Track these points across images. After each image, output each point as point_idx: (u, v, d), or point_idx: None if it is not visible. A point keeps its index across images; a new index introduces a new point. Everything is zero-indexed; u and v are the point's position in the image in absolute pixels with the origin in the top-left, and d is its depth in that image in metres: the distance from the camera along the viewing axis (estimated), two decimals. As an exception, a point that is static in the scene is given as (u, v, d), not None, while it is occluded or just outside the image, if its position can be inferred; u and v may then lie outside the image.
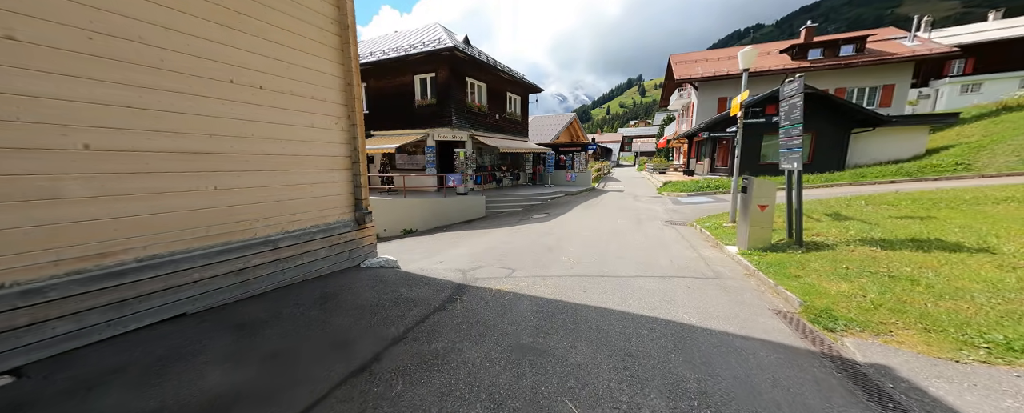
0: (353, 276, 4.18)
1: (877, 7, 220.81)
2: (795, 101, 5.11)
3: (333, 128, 4.19)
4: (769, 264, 4.62)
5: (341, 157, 4.29)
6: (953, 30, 32.41)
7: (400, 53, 13.88)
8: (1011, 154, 11.39)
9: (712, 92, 24.10)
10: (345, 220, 4.38)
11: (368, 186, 4.71)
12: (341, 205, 4.32)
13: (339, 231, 4.27)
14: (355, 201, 4.48)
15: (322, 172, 4.09)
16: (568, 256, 5.85)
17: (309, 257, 3.92)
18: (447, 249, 7.56)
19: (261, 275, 3.55)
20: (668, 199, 13.40)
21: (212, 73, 3.19)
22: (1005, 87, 27.01)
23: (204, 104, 3.14)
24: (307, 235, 3.90)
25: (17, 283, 2.31)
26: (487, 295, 3.89)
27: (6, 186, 2.27)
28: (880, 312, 3.08)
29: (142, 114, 2.80)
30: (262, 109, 3.58)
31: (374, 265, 4.55)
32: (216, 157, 3.24)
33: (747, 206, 5.45)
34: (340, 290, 3.79)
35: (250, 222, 3.47)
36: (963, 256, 3.89)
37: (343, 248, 4.32)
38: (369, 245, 4.72)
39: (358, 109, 4.41)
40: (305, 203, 3.89)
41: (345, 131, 4.33)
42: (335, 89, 4.20)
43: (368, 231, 4.64)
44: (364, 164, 4.60)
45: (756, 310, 3.50)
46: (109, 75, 2.63)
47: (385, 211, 12.66)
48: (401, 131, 14.70)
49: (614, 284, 4.33)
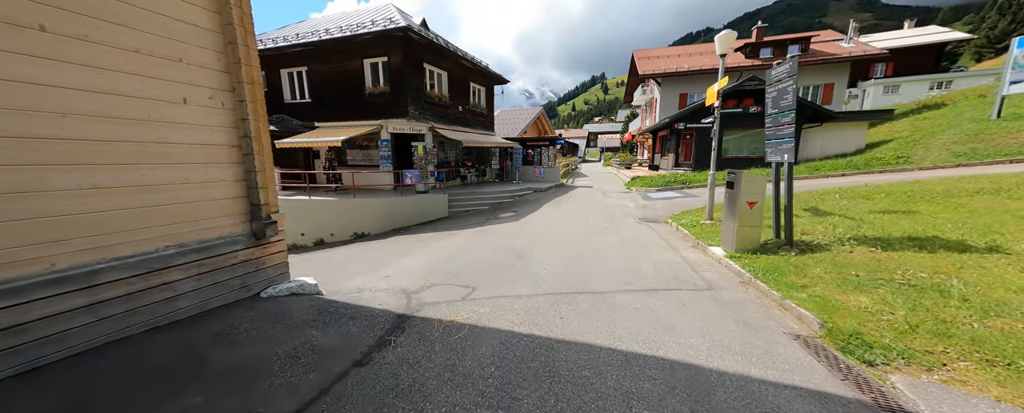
0: (242, 313, 2.99)
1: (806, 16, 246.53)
2: (785, 86, 4.59)
3: (207, 105, 2.94)
4: (764, 270, 4.05)
5: (223, 146, 3.06)
6: (876, 36, 35.71)
7: (346, 33, 12.23)
8: (942, 148, 12.24)
9: (674, 88, 24.50)
10: (233, 234, 3.16)
11: (275, 186, 3.50)
12: (225, 213, 3.09)
13: (222, 250, 3.05)
14: (251, 207, 3.27)
15: (189, 168, 2.85)
16: (539, 265, 5.00)
17: (160, 293, 2.67)
18: (398, 259, 6.43)
19: (59, 332, 2.26)
20: (637, 194, 13.07)
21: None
22: (919, 88, 30.30)
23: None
24: (157, 261, 2.65)
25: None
26: (434, 332, 2.90)
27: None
28: (920, 336, 2.51)
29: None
30: (85, 72, 2.30)
31: (281, 293, 3.38)
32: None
33: (734, 203, 4.89)
34: (211, 341, 2.61)
35: (42, 249, 2.20)
36: (976, 258, 3.54)
37: (230, 273, 3.10)
38: (276, 265, 3.52)
39: (253, 80, 3.19)
40: (150, 214, 2.63)
41: (230, 110, 3.10)
42: (211, 49, 2.95)
43: (273, 247, 3.45)
44: (268, 157, 3.39)
45: (769, 335, 2.83)
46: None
47: (331, 213, 11.11)
48: (349, 122, 13.08)
49: (596, 304, 3.52)
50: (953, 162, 11.20)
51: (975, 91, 22.00)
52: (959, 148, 11.85)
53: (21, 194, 2.13)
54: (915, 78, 31.04)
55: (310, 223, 11.19)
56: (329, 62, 13.10)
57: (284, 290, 3.39)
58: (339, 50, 12.74)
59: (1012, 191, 5.64)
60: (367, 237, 10.71)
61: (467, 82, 16.45)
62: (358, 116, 12.98)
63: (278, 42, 13.66)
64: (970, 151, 11.52)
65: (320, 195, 12.20)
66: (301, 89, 14.08)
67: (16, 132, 2.10)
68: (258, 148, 3.21)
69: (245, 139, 3.16)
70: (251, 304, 3.16)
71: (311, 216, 11.20)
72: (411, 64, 12.38)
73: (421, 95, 13.02)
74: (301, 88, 14.07)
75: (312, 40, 12.70)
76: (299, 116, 14.03)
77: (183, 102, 2.79)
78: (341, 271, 5.97)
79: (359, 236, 10.97)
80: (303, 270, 6.50)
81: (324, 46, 12.73)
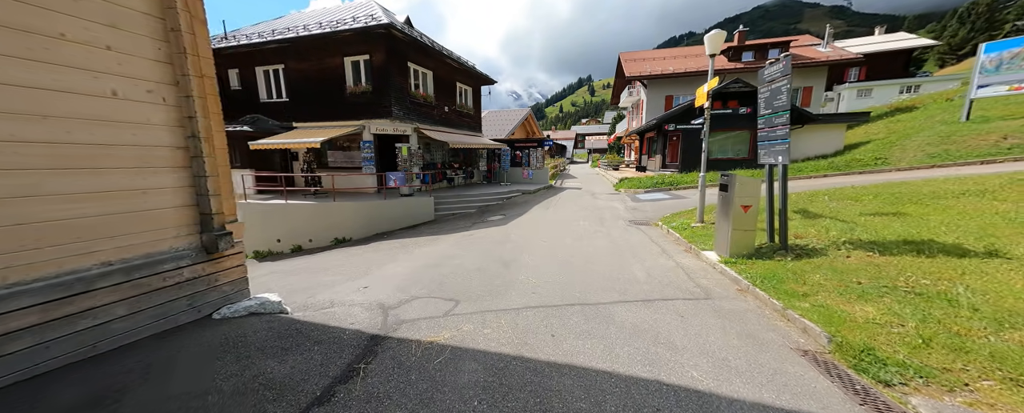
0: (186, 340, 2.60)
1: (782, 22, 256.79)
2: (779, 85, 4.47)
3: (144, 100, 2.54)
4: (762, 276, 3.89)
5: (164, 148, 2.66)
6: (850, 41, 37.13)
7: (325, 30, 11.71)
8: (917, 150, 12.61)
9: (660, 90, 24.75)
10: (177, 249, 2.75)
11: (232, 192, 3.11)
12: (168, 225, 2.69)
13: (164, 268, 2.64)
14: (200, 217, 2.87)
15: (120, 173, 2.45)
16: (528, 273, 4.72)
17: (83, 321, 2.26)
18: (379, 266, 6.05)
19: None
20: (626, 196, 12.99)
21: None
22: (890, 92, 31.58)
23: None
24: (78, 283, 2.24)
25: None
26: (411, 356, 2.58)
27: None
28: (936, 351, 2.34)
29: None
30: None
31: (238, 313, 2.98)
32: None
33: (728, 207, 4.74)
34: (139, 377, 2.22)
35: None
36: (977, 263, 3.45)
37: (174, 294, 2.70)
38: (232, 282, 3.12)
39: (202, 72, 2.80)
40: (69, 229, 2.22)
41: (173, 107, 2.70)
42: (148, 36, 2.56)
43: (228, 262, 3.05)
44: (222, 160, 3.00)
45: (776, 352, 2.62)
46: None
47: (310, 218, 10.57)
48: (330, 123, 12.53)
49: (589, 317, 3.27)
50: (928, 163, 11.53)
51: (942, 95, 23.00)
52: (933, 150, 12.22)
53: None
54: (886, 82, 32.35)
55: (287, 228, 10.62)
56: (308, 60, 12.53)
57: (241, 310, 3.00)
58: (318, 47, 12.20)
59: (997, 193, 5.72)
60: (348, 242, 10.23)
61: (453, 82, 16.09)
62: (339, 116, 12.46)
63: (252, 38, 13.00)
64: (943, 152, 11.88)
65: (298, 199, 11.62)
66: (278, 88, 13.44)
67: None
68: (208, 150, 2.82)
69: (192, 140, 2.77)
70: (199, 329, 2.76)
71: (288, 221, 10.63)
72: (394, 63, 11.95)
73: (405, 95, 12.60)
74: (278, 87, 13.43)
75: (289, 37, 12.12)
76: (276, 116, 13.39)
77: (112, 96, 2.39)
78: (315, 281, 5.54)
79: (340, 241, 10.47)
80: (274, 281, 6.04)
81: (302, 43, 12.17)
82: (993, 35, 42.33)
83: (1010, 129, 11.76)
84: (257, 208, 10.77)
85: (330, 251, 9.33)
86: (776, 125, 4.56)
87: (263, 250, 10.61)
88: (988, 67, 13.27)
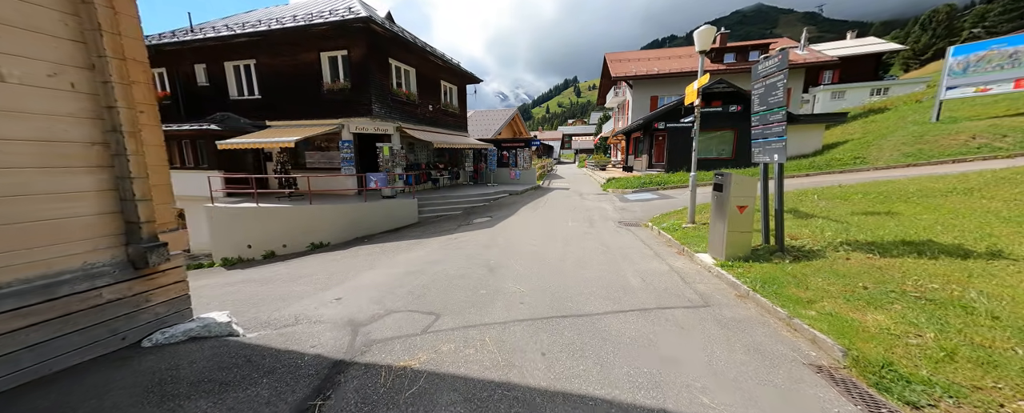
0: (101, 377, 2.14)
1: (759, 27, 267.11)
2: (774, 81, 4.29)
3: (46, 86, 2.08)
4: (762, 281, 3.68)
5: (75, 144, 2.20)
6: (824, 45, 38.46)
7: (300, 23, 11.09)
8: (893, 149, 12.96)
9: (645, 90, 24.90)
10: (93, 265, 2.29)
11: (170, 197, 2.66)
12: (81, 236, 2.23)
13: (75, 288, 2.18)
14: (126, 226, 2.42)
15: (13, 174, 1.99)
16: (516, 280, 4.39)
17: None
18: (356, 274, 5.61)
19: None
20: (614, 196, 12.84)
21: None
22: (861, 94, 32.91)
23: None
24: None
25: None
26: (379, 387, 2.21)
27: None
28: (962, 366, 2.14)
29: None
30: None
31: (174, 339, 2.53)
32: None
33: (723, 207, 4.54)
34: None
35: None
36: (981, 265, 3.34)
37: (89, 319, 2.24)
38: (168, 302, 2.66)
39: (125, 54, 2.35)
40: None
41: (87, 95, 2.24)
42: (48, 7, 2.10)
43: (163, 278, 2.59)
44: (156, 158, 2.55)
45: (789, 369, 2.38)
46: None
47: (284, 222, 9.94)
48: (306, 122, 11.90)
49: (583, 331, 2.97)
50: (904, 162, 11.83)
51: (911, 97, 24.01)
52: (908, 149, 12.57)
53: None
54: (858, 85, 33.65)
55: (259, 233, 9.96)
56: (281, 55, 11.86)
57: (179, 335, 2.55)
58: (293, 42, 11.55)
59: (983, 191, 5.76)
60: (326, 247, 9.67)
61: (437, 80, 15.63)
62: (316, 115, 11.84)
63: (221, 31, 12.22)
64: (918, 152, 12.24)
65: (272, 202, 10.94)
66: (250, 84, 12.69)
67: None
68: (134, 147, 2.37)
69: (113, 134, 2.31)
70: (121, 361, 2.30)
71: (260, 225, 9.97)
72: (375, 59, 11.43)
73: (386, 92, 12.08)
74: (250, 83, 12.68)
75: (261, 30, 11.43)
76: (248, 114, 12.63)
77: (18, 81, 1.93)
78: (284, 292, 5.06)
79: (317, 246, 9.88)
80: (237, 292, 5.48)
81: (275, 36, 11.50)
82: (953, 41, 44.78)
83: (978, 129, 12.21)
84: (226, 212, 10.07)
85: (306, 257, 8.76)
86: (772, 122, 4.39)
87: (232, 257, 9.92)
88: (956, 70, 13.79)
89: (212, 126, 11.71)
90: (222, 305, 4.87)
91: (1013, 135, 11.26)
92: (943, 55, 14.15)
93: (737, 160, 16.72)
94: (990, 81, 13.03)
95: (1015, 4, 44.69)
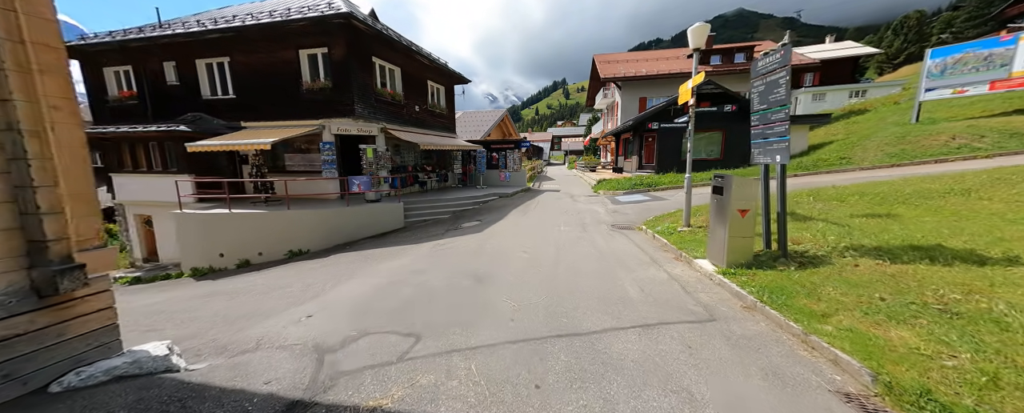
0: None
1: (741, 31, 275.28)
2: (776, 78, 4.09)
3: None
4: (768, 290, 3.44)
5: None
6: (805, 48, 39.46)
7: (276, 19, 10.52)
8: (877, 150, 13.14)
9: (634, 92, 24.94)
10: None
11: (93, 209, 2.22)
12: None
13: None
14: (28, 246, 1.98)
15: None
16: (506, 293, 4.05)
17: None
18: (333, 286, 5.18)
19: None
20: (606, 198, 12.64)
21: None
22: (841, 96, 33.81)
23: None
24: None
25: None
26: (342, 437, 1.84)
27: None
28: (1009, 393, 1.90)
29: None
30: None
31: (94, 380, 2.10)
32: None
33: (723, 211, 4.30)
34: None
35: None
36: (1001, 273, 3.16)
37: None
38: (88, 335, 2.22)
39: (24, 38, 1.93)
40: None
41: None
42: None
43: (83, 306, 2.16)
44: (72, 164, 2.12)
45: (814, 397, 2.12)
46: None
47: (260, 228, 9.35)
48: (284, 122, 11.31)
49: (581, 355, 2.65)
50: (889, 162, 11.98)
51: (889, 99, 24.69)
52: (891, 149, 12.75)
53: None
54: (837, 87, 34.58)
55: (232, 240, 9.33)
56: (257, 52, 11.25)
57: (99, 375, 2.11)
58: (269, 38, 10.96)
59: (981, 191, 5.71)
60: (305, 255, 9.12)
61: (424, 80, 15.19)
62: (295, 115, 11.26)
63: (192, 27, 11.53)
64: (901, 152, 12.42)
65: (247, 207, 10.32)
66: (223, 83, 12.01)
67: None
68: (38, 149, 1.94)
69: (9, 133, 1.88)
70: (20, 411, 1.86)
71: (234, 232, 9.35)
72: (357, 57, 10.95)
73: (370, 92, 11.60)
74: (223, 82, 12.00)
75: (235, 26, 10.80)
76: (222, 115, 11.95)
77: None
78: (252, 308, 4.60)
79: (295, 254, 9.33)
80: (198, 308, 4.94)
81: (250, 33, 10.89)
82: (923, 46, 46.63)
83: (956, 130, 12.48)
84: (196, 218, 9.41)
85: (282, 266, 8.23)
86: (773, 121, 4.18)
87: (203, 267, 9.26)
88: (934, 72, 14.12)
89: (182, 127, 11.01)
90: (180, 324, 4.38)
91: (991, 136, 11.52)
92: (915, 59, 14.51)
93: (726, 161, 16.78)
94: (967, 83, 13.37)
95: (979, 11, 46.86)
